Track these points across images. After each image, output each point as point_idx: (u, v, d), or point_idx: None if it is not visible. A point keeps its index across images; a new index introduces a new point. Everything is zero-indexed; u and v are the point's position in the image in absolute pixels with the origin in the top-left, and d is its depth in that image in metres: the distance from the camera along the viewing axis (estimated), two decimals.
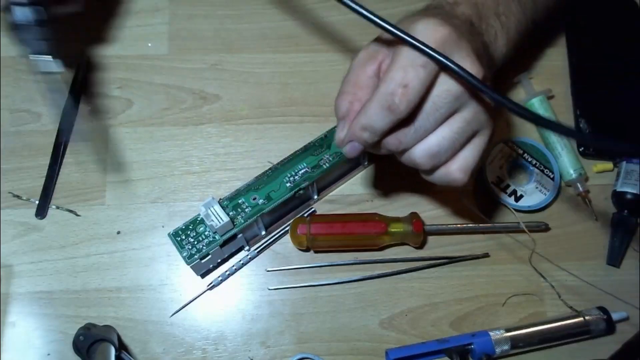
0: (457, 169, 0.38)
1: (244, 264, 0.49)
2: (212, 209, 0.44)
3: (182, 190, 0.51)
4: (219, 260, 0.49)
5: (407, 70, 0.34)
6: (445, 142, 0.36)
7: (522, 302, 0.50)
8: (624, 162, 0.52)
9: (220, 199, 0.47)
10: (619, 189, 0.52)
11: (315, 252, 0.50)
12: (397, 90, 0.34)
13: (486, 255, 0.51)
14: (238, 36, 0.57)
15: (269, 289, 0.49)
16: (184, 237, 0.46)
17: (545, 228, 0.51)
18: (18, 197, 0.50)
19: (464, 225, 0.51)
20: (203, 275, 0.49)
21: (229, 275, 0.49)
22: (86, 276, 0.48)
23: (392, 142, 0.36)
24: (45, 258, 0.49)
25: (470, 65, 0.35)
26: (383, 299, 0.49)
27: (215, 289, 0.49)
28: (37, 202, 0.50)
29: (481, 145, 0.38)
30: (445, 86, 0.35)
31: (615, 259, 0.51)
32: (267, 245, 0.50)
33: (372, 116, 0.35)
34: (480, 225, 0.51)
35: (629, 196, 0.51)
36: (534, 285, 0.50)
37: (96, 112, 0.53)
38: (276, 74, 0.56)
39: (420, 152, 0.37)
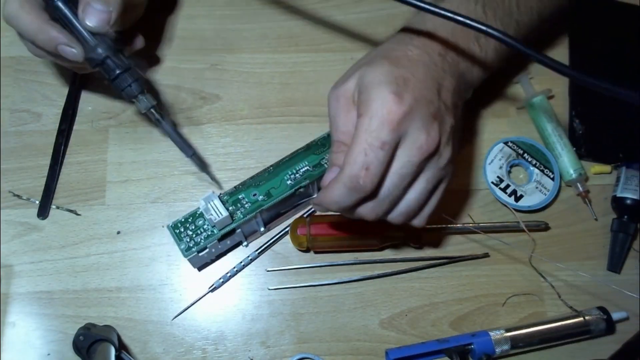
0: (419, 220, 0.42)
1: (244, 265, 0.49)
2: (211, 203, 0.44)
3: (182, 190, 0.51)
4: (217, 255, 0.49)
5: (367, 153, 0.37)
6: (414, 203, 0.40)
7: (522, 302, 0.50)
8: (624, 168, 0.52)
9: (220, 194, 0.47)
10: (619, 195, 0.52)
11: (316, 252, 0.50)
12: (360, 173, 0.37)
13: (486, 255, 0.51)
14: (238, 36, 0.57)
15: (269, 289, 0.49)
16: (182, 230, 0.46)
17: (545, 227, 0.51)
18: (18, 196, 0.50)
19: (464, 225, 0.51)
20: (200, 269, 0.49)
21: (230, 277, 0.49)
22: (86, 276, 0.48)
23: (369, 214, 0.40)
24: (45, 258, 0.49)
25: (425, 137, 0.38)
26: (383, 299, 0.49)
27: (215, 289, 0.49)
28: (37, 202, 0.50)
29: (441, 193, 0.42)
30: (407, 158, 0.38)
31: (616, 265, 0.51)
32: (268, 245, 0.50)
33: (339, 195, 0.38)
34: (480, 224, 0.51)
35: (629, 202, 0.51)
36: (534, 285, 0.50)
37: (96, 112, 0.53)
38: (276, 74, 0.56)
39: (396, 216, 0.41)
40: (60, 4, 0.42)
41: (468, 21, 0.38)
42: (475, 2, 0.45)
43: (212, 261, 0.49)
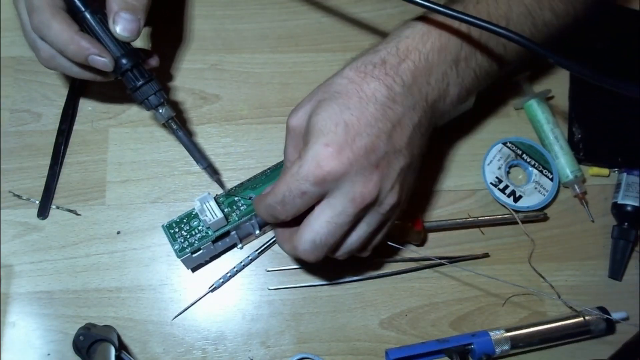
0: (364, 253, 0.44)
1: (244, 265, 0.49)
2: (207, 204, 0.44)
3: (182, 190, 0.51)
4: (211, 257, 0.49)
5: (286, 194, 0.38)
6: (356, 245, 0.41)
7: (522, 302, 0.50)
8: (625, 174, 0.52)
9: (216, 195, 0.47)
10: (620, 202, 0.52)
11: None
12: (277, 206, 0.39)
13: (486, 255, 0.51)
14: (238, 36, 0.57)
15: (269, 289, 0.49)
16: (177, 230, 0.46)
17: (544, 218, 0.51)
18: (18, 196, 0.50)
19: (464, 219, 0.51)
20: (194, 270, 0.49)
21: (230, 277, 0.49)
22: (86, 276, 0.48)
23: (309, 257, 0.40)
24: (45, 258, 0.49)
25: (360, 190, 0.38)
26: (383, 299, 0.49)
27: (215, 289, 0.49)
28: (37, 202, 0.50)
29: (385, 231, 0.43)
30: (341, 208, 0.38)
31: (617, 272, 0.51)
32: (268, 245, 0.50)
33: (261, 211, 0.41)
34: (480, 218, 0.51)
35: (629, 208, 0.51)
36: (534, 285, 0.50)
37: (96, 112, 0.53)
38: (276, 74, 0.56)
39: (339, 254, 0.42)
40: (88, 15, 0.42)
41: (477, 21, 0.37)
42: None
43: (206, 262, 0.49)
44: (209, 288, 0.49)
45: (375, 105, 0.38)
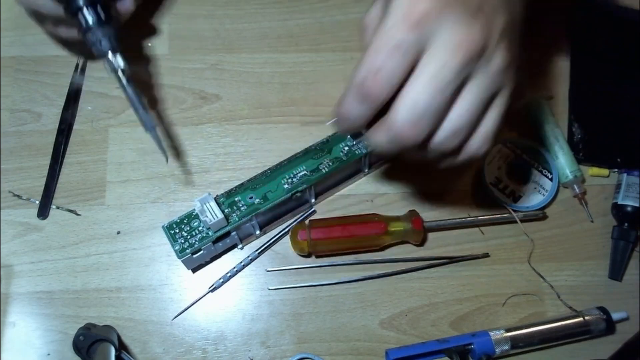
0: (479, 141, 0.35)
1: (244, 265, 0.49)
2: (207, 204, 0.44)
3: (182, 190, 0.51)
4: (211, 257, 0.49)
5: (378, 55, 0.31)
6: (462, 120, 0.33)
7: (522, 302, 0.50)
8: (625, 175, 0.52)
9: (216, 196, 0.47)
10: (620, 202, 0.52)
11: (317, 257, 0.50)
12: (368, 75, 0.32)
13: (486, 255, 0.51)
14: (238, 36, 0.57)
15: (269, 289, 0.49)
16: (177, 231, 0.46)
17: (543, 216, 0.51)
18: (18, 196, 0.50)
19: (463, 219, 0.51)
20: (194, 271, 0.49)
21: (230, 277, 0.49)
22: (86, 276, 0.48)
23: (407, 133, 0.32)
24: (45, 258, 0.49)
25: (465, 33, 0.31)
26: (383, 299, 0.49)
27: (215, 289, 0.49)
28: (37, 202, 0.50)
29: (502, 106, 0.35)
30: (441, 61, 0.31)
31: (617, 272, 0.51)
32: (268, 245, 0.50)
33: (347, 107, 0.34)
34: (479, 217, 0.51)
35: (629, 209, 0.51)
36: (534, 285, 0.50)
37: (96, 112, 0.53)
38: (276, 74, 0.56)
39: (441, 140, 0.34)
40: None
41: None
42: None
43: (207, 263, 0.49)
44: (209, 288, 0.49)
45: None
